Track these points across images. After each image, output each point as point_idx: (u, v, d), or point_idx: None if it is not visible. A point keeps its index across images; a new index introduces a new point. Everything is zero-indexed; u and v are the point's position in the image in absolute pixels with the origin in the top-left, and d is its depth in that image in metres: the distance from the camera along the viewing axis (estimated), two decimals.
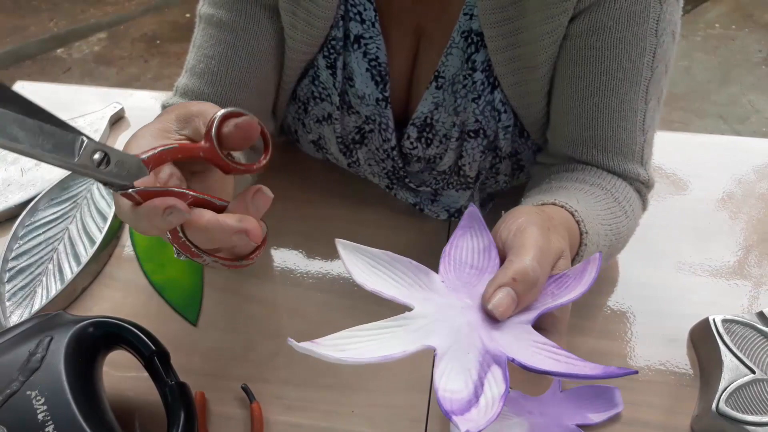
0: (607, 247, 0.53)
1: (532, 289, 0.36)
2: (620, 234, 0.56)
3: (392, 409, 0.54)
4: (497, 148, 0.64)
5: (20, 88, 0.90)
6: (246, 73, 0.60)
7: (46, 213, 0.69)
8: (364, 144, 0.67)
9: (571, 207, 0.49)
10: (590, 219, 0.51)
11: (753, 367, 0.53)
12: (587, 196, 0.55)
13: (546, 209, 0.47)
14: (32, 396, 0.44)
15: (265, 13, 0.59)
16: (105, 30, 2.64)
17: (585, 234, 0.48)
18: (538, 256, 0.37)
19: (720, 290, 0.64)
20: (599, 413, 0.53)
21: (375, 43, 0.60)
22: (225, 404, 0.55)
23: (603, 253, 0.52)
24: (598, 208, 0.54)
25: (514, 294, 0.36)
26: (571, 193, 0.55)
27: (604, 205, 0.55)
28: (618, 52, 0.54)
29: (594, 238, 0.50)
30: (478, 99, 0.60)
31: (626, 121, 0.56)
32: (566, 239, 0.43)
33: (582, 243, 0.48)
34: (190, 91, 0.61)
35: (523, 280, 0.36)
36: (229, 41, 0.59)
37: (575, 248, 0.48)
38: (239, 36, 0.59)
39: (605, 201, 0.56)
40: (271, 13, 0.59)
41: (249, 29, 0.59)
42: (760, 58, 2.44)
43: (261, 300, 0.62)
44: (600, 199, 0.56)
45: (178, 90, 0.62)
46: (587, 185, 0.57)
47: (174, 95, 0.62)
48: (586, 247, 0.48)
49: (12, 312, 0.61)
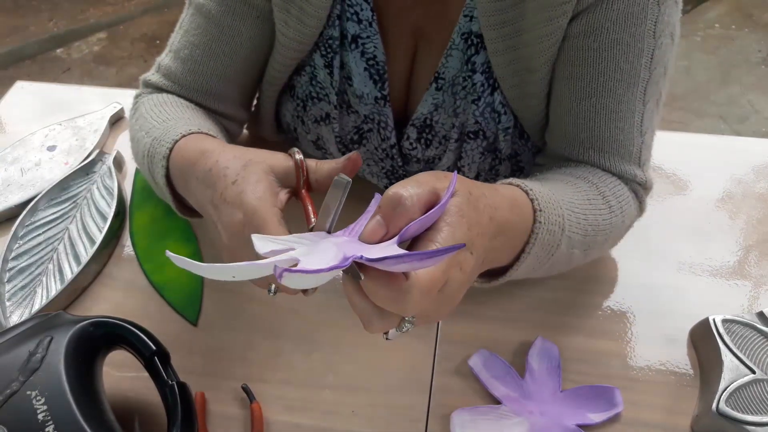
0: (581, 236, 0.52)
1: (395, 210, 0.37)
2: (599, 226, 0.54)
3: (392, 409, 0.54)
4: (497, 149, 0.64)
5: (20, 88, 0.90)
6: (227, 67, 0.63)
7: (46, 213, 0.69)
8: (363, 144, 0.67)
9: (526, 186, 0.48)
10: (554, 202, 0.50)
11: (753, 367, 0.53)
12: (565, 186, 0.55)
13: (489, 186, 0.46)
14: (32, 396, 0.44)
15: (252, 12, 0.61)
16: (105, 30, 2.64)
17: (539, 212, 0.47)
18: (404, 183, 0.38)
19: (720, 290, 0.64)
20: (599, 413, 0.53)
21: (372, 43, 0.60)
22: (225, 404, 0.55)
23: (576, 241, 0.52)
24: (575, 197, 0.53)
25: (381, 220, 0.38)
26: (543, 181, 0.54)
27: (583, 196, 0.54)
28: (615, 53, 0.54)
29: (553, 218, 0.49)
30: (477, 100, 0.60)
31: (623, 122, 0.56)
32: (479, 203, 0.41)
33: (536, 220, 0.47)
34: (172, 74, 0.64)
35: (387, 203, 0.38)
36: (214, 34, 0.62)
37: (525, 225, 0.47)
38: (224, 31, 0.61)
39: (586, 192, 0.55)
40: (259, 12, 0.60)
41: (234, 26, 0.61)
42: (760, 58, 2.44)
43: (261, 300, 0.62)
44: (580, 189, 0.55)
45: (160, 68, 0.65)
46: (572, 178, 0.57)
47: (155, 72, 0.66)
48: (540, 225, 0.47)
49: (12, 312, 0.61)
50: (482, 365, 0.56)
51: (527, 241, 0.48)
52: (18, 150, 0.78)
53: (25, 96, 0.88)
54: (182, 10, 0.64)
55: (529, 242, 0.47)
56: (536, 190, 0.49)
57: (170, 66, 0.64)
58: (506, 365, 0.56)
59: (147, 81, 0.65)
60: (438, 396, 0.55)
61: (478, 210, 0.40)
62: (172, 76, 0.64)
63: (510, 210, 0.45)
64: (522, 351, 0.58)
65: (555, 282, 0.63)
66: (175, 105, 0.61)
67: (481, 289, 0.62)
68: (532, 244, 0.47)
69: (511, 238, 0.46)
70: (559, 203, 0.50)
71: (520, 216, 0.46)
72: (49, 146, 0.78)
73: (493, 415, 0.53)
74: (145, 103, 0.63)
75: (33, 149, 0.78)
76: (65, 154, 0.77)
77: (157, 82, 0.64)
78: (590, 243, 0.55)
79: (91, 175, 0.73)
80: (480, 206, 0.41)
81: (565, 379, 0.56)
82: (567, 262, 0.55)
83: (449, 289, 0.39)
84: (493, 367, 0.56)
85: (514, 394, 0.54)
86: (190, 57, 0.63)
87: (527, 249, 0.48)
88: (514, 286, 0.63)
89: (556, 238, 0.49)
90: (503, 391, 0.54)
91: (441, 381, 0.56)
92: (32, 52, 2.54)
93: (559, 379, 0.55)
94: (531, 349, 0.57)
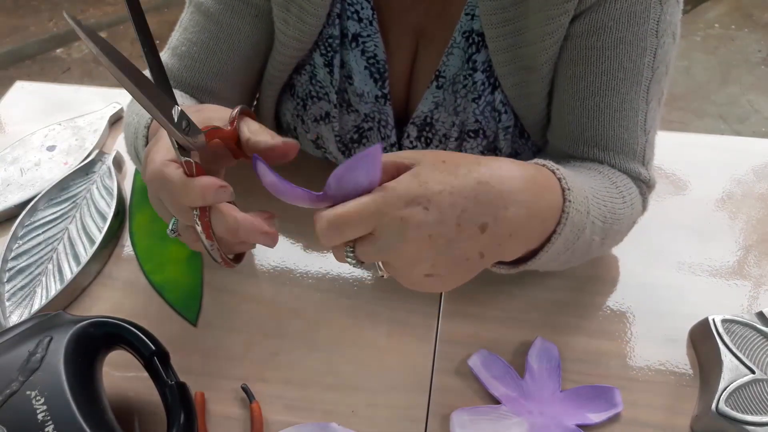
0: (601, 222, 0.51)
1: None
2: (616, 215, 0.53)
3: (392, 409, 0.54)
4: (497, 148, 0.64)
5: (20, 88, 0.90)
6: (225, 65, 0.63)
7: (45, 213, 0.69)
8: (363, 143, 0.67)
9: (552, 166, 0.47)
10: (579, 183, 0.48)
11: (753, 367, 0.53)
12: (581, 171, 0.54)
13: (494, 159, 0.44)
14: (32, 396, 0.44)
15: (251, 10, 0.61)
16: (105, 30, 2.64)
17: (568, 190, 0.46)
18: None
19: (720, 290, 0.64)
20: (599, 413, 0.53)
21: (373, 41, 0.60)
22: (225, 404, 0.55)
23: (598, 228, 0.51)
24: (594, 183, 0.53)
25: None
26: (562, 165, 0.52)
27: (601, 183, 0.54)
28: (619, 52, 0.54)
29: (580, 198, 0.47)
30: (478, 99, 0.60)
31: (627, 120, 0.56)
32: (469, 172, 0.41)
33: (566, 199, 0.45)
34: (169, 71, 0.63)
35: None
36: (213, 32, 0.61)
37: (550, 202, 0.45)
38: (223, 29, 0.61)
39: (602, 180, 0.54)
40: (258, 11, 0.60)
41: (233, 25, 0.61)
42: (760, 58, 2.44)
43: (261, 300, 0.62)
44: (596, 178, 0.55)
45: None
46: (584, 168, 0.57)
47: None
48: (570, 204, 0.45)
49: (12, 312, 0.60)
50: (482, 365, 0.56)
51: (558, 220, 0.46)
52: (17, 150, 0.78)
53: (25, 96, 0.88)
54: (182, 11, 0.64)
55: (560, 222, 0.46)
56: (563, 170, 0.47)
57: (167, 63, 0.64)
58: (506, 365, 0.56)
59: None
60: (438, 396, 0.55)
61: (451, 173, 0.40)
62: (170, 73, 0.63)
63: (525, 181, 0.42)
64: (522, 351, 0.58)
65: (555, 282, 0.63)
66: None
67: (481, 289, 0.63)
68: (563, 224, 0.46)
69: (538, 214, 0.44)
70: (582, 187, 0.49)
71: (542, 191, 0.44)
72: (48, 146, 0.78)
73: (492, 415, 0.53)
74: None
75: (33, 149, 0.78)
76: (65, 154, 0.77)
77: None
78: (608, 231, 0.53)
79: (91, 175, 0.73)
80: (459, 171, 0.40)
81: (565, 379, 0.56)
82: (585, 252, 0.53)
83: (387, 236, 0.39)
84: (493, 367, 0.56)
85: (513, 394, 0.54)
86: (188, 54, 0.62)
87: (558, 229, 0.46)
88: (514, 286, 0.63)
89: (583, 220, 0.48)
90: (503, 391, 0.54)
91: (441, 381, 0.56)
92: (32, 52, 2.54)
93: (559, 379, 0.55)
94: (531, 349, 0.57)
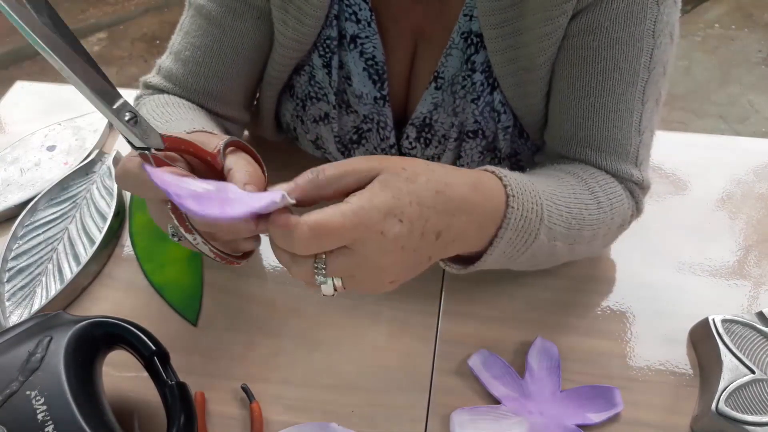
0: (564, 228, 0.52)
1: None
2: (585, 221, 0.54)
3: (392, 409, 0.54)
4: (496, 148, 0.64)
5: (20, 88, 0.90)
6: (229, 67, 0.63)
7: (45, 213, 0.69)
8: (362, 143, 0.67)
9: (500, 173, 0.49)
10: (532, 191, 0.50)
11: (753, 367, 0.53)
12: (548, 179, 0.55)
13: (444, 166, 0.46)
14: (32, 396, 0.44)
15: (253, 12, 0.60)
16: (105, 30, 2.64)
17: (512, 197, 0.47)
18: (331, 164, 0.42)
19: (720, 290, 0.64)
20: (599, 413, 0.53)
21: (371, 43, 0.60)
22: (225, 404, 0.55)
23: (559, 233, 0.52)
24: (558, 190, 0.53)
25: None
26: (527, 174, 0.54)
27: (568, 189, 0.54)
28: (615, 52, 0.54)
29: (529, 205, 0.48)
30: (477, 100, 0.60)
31: (622, 121, 0.56)
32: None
33: (508, 205, 0.47)
34: (173, 76, 0.63)
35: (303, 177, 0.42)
36: (215, 35, 0.61)
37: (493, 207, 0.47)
38: (225, 32, 0.61)
39: (573, 186, 0.55)
40: (259, 13, 0.60)
41: (235, 27, 0.61)
42: (760, 58, 2.44)
43: (261, 300, 0.62)
44: (566, 183, 0.55)
45: (161, 70, 0.65)
46: (560, 173, 0.57)
47: (156, 74, 0.65)
48: (513, 210, 0.47)
49: (12, 312, 0.61)
50: (482, 365, 0.56)
51: (500, 225, 0.47)
52: (18, 150, 0.78)
53: (25, 96, 0.88)
54: (182, 11, 0.64)
55: (501, 227, 0.47)
56: (511, 176, 0.49)
57: (171, 68, 0.63)
58: (506, 365, 0.56)
59: (147, 83, 0.65)
60: (438, 396, 0.55)
61: (414, 183, 0.41)
62: (173, 78, 0.63)
63: (472, 189, 0.45)
64: (522, 351, 0.58)
65: (554, 282, 0.63)
66: (177, 106, 0.61)
67: (481, 289, 0.63)
68: (504, 229, 0.47)
69: (477, 219, 0.46)
70: (537, 192, 0.50)
71: (486, 197, 0.46)
72: (48, 146, 0.78)
73: (492, 415, 0.53)
74: (147, 104, 0.62)
75: (33, 149, 0.78)
76: (65, 154, 0.77)
77: (158, 84, 0.64)
78: (575, 237, 0.54)
79: (91, 175, 0.73)
80: (419, 180, 0.42)
81: (565, 379, 0.56)
82: (550, 255, 0.54)
83: (366, 249, 0.40)
84: (493, 367, 0.56)
85: (513, 393, 0.54)
86: (192, 58, 0.62)
87: (500, 234, 0.48)
88: (514, 285, 0.63)
89: (533, 226, 0.49)
90: (503, 390, 0.54)
91: (441, 381, 0.56)
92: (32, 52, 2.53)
93: (559, 379, 0.55)
94: (531, 349, 0.57)
